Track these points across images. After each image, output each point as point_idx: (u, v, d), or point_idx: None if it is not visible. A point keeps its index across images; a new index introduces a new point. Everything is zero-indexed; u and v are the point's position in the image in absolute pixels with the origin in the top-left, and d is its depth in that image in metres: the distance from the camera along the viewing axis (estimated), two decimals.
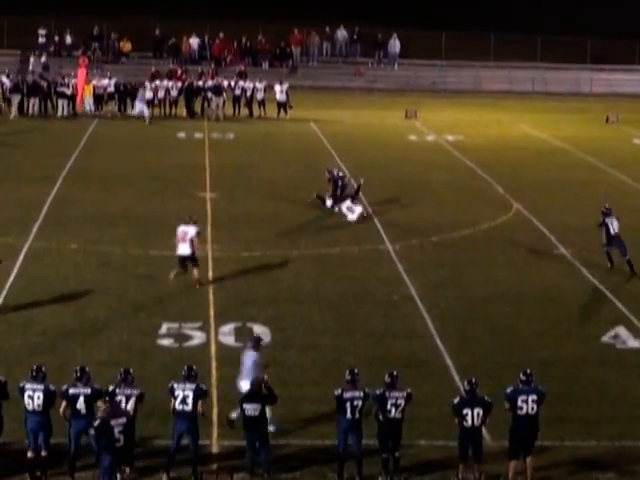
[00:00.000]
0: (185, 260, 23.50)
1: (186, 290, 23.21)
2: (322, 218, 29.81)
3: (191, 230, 23.40)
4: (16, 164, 36.34)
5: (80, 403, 15.12)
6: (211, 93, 47.93)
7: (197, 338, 20.54)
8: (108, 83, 47.76)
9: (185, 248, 23.31)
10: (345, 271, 25.03)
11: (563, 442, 16.55)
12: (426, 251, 26.95)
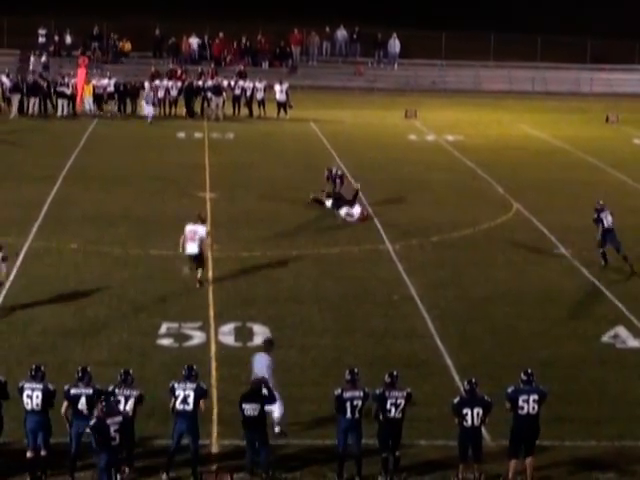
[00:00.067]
0: (194, 259, 23.48)
1: (186, 290, 23.20)
2: (322, 218, 29.80)
3: (200, 230, 23.38)
4: (16, 164, 36.33)
5: (82, 403, 15.11)
6: (211, 93, 47.92)
7: (197, 338, 20.53)
8: (108, 83, 47.76)
9: (193, 247, 23.25)
10: (345, 271, 25.02)
11: (563, 442, 16.55)
12: (426, 251, 26.95)
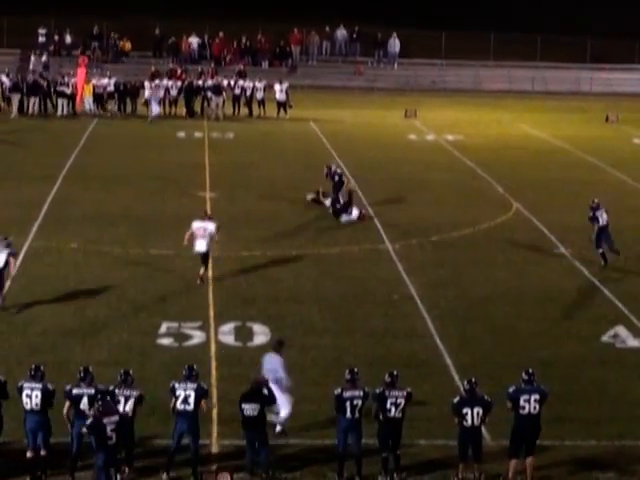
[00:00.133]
0: (200, 256, 23.53)
1: (186, 290, 23.21)
2: (322, 218, 29.78)
3: (210, 226, 23.43)
4: (16, 163, 36.34)
5: (84, 403, 15.09)
6: (211, 92, 47.93)
7: (197, 337, 20.53)
8: (108, 82, 47.76)
9: (202, 245, 23.30)
10: (345, 271, 25.02)
11: (563, 442, 16.55)
12: (426, 251, 26.95)
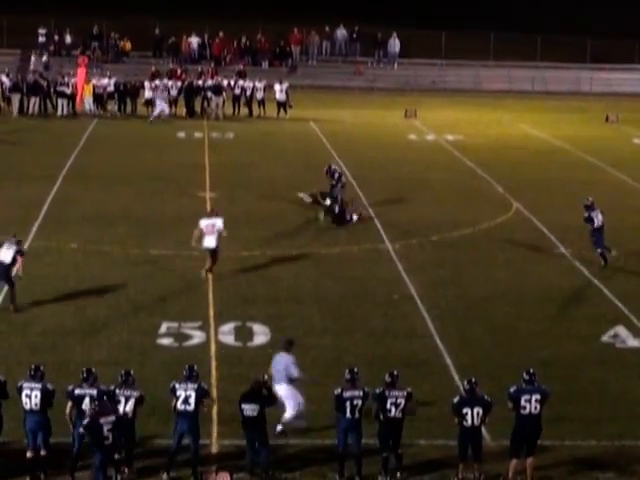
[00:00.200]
0: (209, 252, 23.81)
1: (186, 290, 23.21)
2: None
3: (218, 222, 23.81)
4: (16, 163, 36.34)
5: (86, 404, 15.06)
6: (211, 92, 47.94)
7: (197, 337, 20.53)
8: (108, 82, 47.75)
9: (211, 241, 23.66)
10: (345, 271, 25.02)
11: (563, 441, 16.55)
12: (426, 250, 26.94)
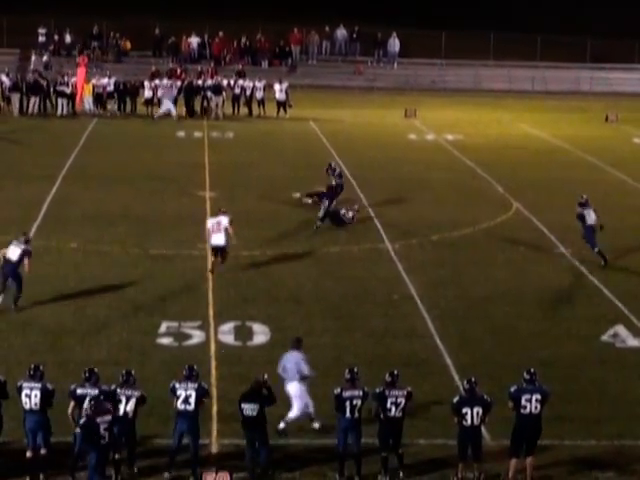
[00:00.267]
0: (217, 250, 24.03)
1: (186, 289, 23.21)
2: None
3: (224, 220, 24.00)
4: (16, 163, 36.33)
5: (87, 404, 15.04)
6: (211, 92, 47.92)
7: (197, 337, 20.53)
8: (107, 82, 47.73)
9: (220, 238, 23.90)
10: (345, 271, 25.02)
11: (563, 441, 16.55)
12: (426, 250, 26.94)
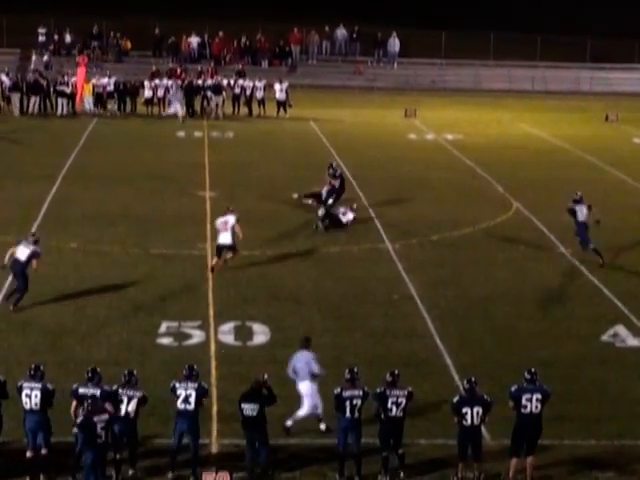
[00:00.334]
0: (223, 249, 24.16)
1: (186, 289, 23.21)
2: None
3: (231, 218, 24.16)
4: (16, 163, 36.33)
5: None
6: (211, 92, 47.94)
7: (197, 337, 20.53)
8: (107, 82, 47.73)
9: (226, 237, 24.04)
10: (345, 270, 25.01)
11: (563, 441, 16.55)
12: (426, 250, 26.93)
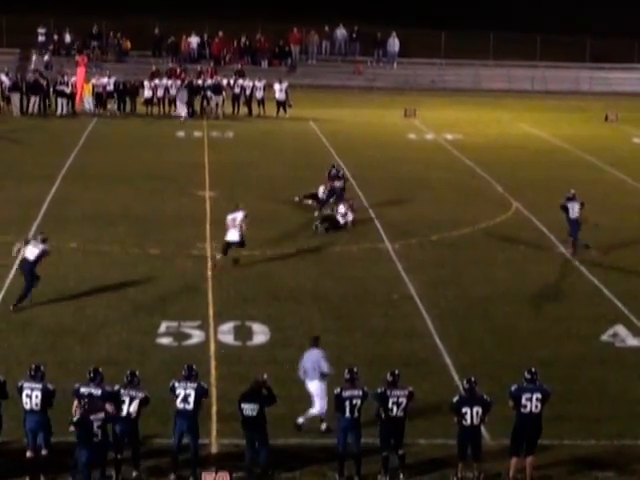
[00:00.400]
0: (230, 246, 24.44)
1: (185, 289, 23.21)
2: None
3: (239, 215, 24.48)
4: (15, 163, 36.33)
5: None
6: (210, 92, 47.95)
7: (196, 337, 20.53)
8: (107, 82, 47.74)
9: (234, 234, 24.38)
10: (345, 270, 25.02)
11: (562, 441, 16.55)
12: (426, 250, 26.94)
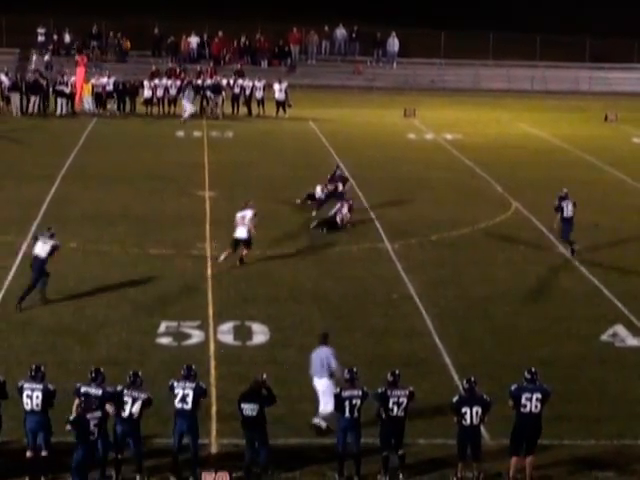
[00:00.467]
0: (239, 243, 24.62)
1: (185, 289, 23.21)
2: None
3: (248, 213, 24.74)
4: (15, 163, 36.33)
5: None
6: (210, 92, 47.96)
7: (196, 337, 20.53)
8: (107, 82, 47.74)
9: (243, 231, 24.60)
10: (345, 270, 25.02)
11: (562, 441, 16.55)
12: (425, 250, 26.94)
